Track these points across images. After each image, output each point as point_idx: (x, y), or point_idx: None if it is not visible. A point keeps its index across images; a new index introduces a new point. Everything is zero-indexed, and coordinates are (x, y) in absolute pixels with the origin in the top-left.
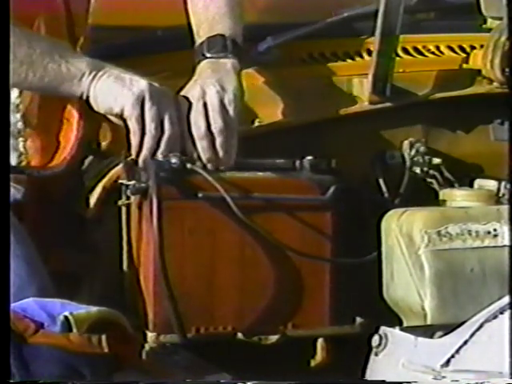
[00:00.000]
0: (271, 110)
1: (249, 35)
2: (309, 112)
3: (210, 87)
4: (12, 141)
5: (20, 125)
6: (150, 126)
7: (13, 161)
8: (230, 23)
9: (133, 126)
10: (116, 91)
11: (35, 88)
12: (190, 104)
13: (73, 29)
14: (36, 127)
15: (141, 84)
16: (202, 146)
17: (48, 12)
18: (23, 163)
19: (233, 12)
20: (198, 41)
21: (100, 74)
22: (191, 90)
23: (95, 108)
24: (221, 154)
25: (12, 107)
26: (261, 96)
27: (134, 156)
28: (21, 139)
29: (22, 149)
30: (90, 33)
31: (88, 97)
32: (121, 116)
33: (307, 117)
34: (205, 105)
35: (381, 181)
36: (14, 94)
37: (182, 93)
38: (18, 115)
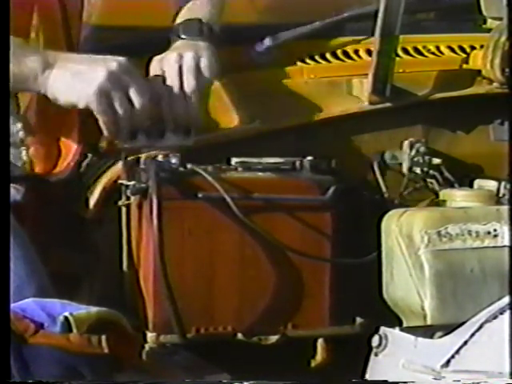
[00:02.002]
0: (271, 110)
1: (249, 35)
2: (309, 112)
3: (186, 52)
4: (14, 150)
5: (21, 134)
6: (121, 111)
7: (17, 170)
8: (209, 10)
9: (102, 118)
10: (76, 88)
11: (17, 89)
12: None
13: (68, 27)
14: (37, 135)
15: (99, 75)
16: (174, 105)
17: (43, 9)
18: (27, 171)
19: (213, 1)
20: (176, 22)
21: (55, 71)
22: (167, 55)
23: (56, 102)
24: (192, 113)
25: (12, 116)
26: (261, 96)
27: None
28: (23, 148)
29: (24, 157)
30: (91, 33)
31: (46, 93)
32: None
33: (307, 117)
34: (180, 68)
35: (381, 181)
36: (13, 101)
37: (158, 57)
38: (19, 125)
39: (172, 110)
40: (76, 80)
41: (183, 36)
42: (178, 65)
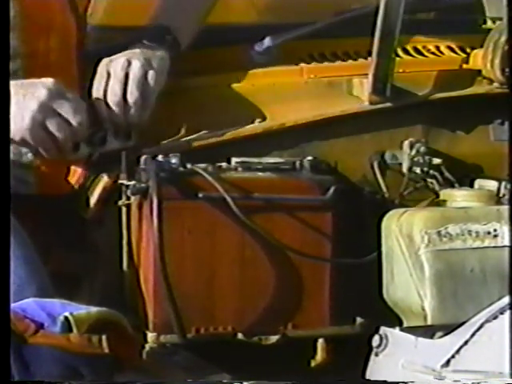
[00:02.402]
0: (271, 110)
1: (249, 35)
2: (309, 112)
3: (135, 60)
4: (21, 171)
5: (30, 155)
6: (59, 135)
7: (23, 190)
8: (186, 17)
9: (42, 147)
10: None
11: None
12: (109, 75)
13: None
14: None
15: (30, 108)
16: (113, 114)
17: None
18: (34, 192)
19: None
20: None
21: None
22: (116, 59)
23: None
24: (133, 121)
25: None
26: (261, 96)
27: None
28: (31, 170)
29: (31, 179)
30: (91, 33)
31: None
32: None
33: (307, 117)
34: (126, 75)
35: (381, 181)
36: None
37: (107, 59)
38: None
39: (111, 118)
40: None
41: (144, 41)
42: (124, 72)
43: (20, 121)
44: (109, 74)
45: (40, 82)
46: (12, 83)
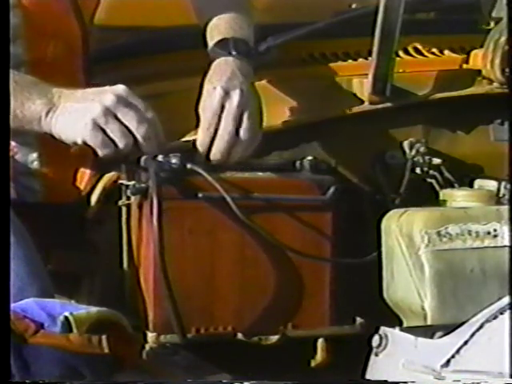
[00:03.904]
0: (271, 110)
1: None
2: (309, 112)
3: (247, 95)
4: (27, 178)
5: (36, 164)
6: (120, 144)
7: (30, 198)
8: (246, 29)
9: (101, 152)
10: (73, 126)
11: (20, 130)
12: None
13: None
14: (53, 164)
15: (94, 111)
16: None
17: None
18: (40, 200)
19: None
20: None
21: (57, 112)
22: (232, 93)
23: (62, 140)
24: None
25: (28, 146)
26: (261, 96)
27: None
28: (37, 178)
29: (37, 187)
30: (92, 33)
31: (52, 134)
32: (86, 144)
33: (307, 117)
34: (222, 107)
35: (381, 181)
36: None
37: (220, 92)
38: (35, 154)
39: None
40: (73, 118)
41: (233, 52)
42: (221, 104)
43: (82, 123)
44: (222, 107)
45: (111, 89)
46: (86, 90)
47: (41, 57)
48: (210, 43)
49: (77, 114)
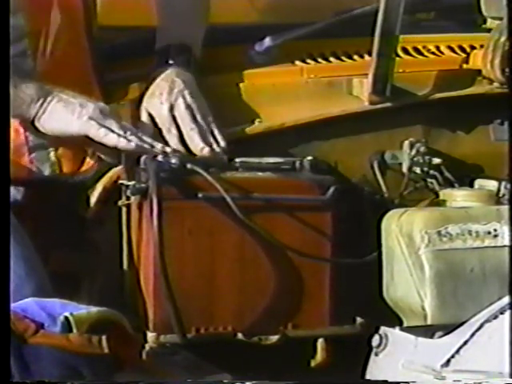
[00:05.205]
0: (271, 110)
1: (249, 35)
2: (309, 112)
3: (177, 102)
4: (43, 152)
5: (48, 135)
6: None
7: (46, 171)
8: (194, 27)
9: (105, 140)
10: (69, 117)
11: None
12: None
13: (90, 25)
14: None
15: (90, 107)
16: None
17: (66, 9)
18: (56, 172)
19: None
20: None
21: (49, 98)
22: (156, 101)
23: (42, 130)
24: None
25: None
26: (261, 96)
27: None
28: (51, 149)
29: (53, 158)
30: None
31: (34, 120)
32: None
33: (307, 117)
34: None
35: (381, 181)
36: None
37: (146, 100)
38: None
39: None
40: (69, 109)
41: (171, 61)
42: (172, 115)
43: (80, 115)
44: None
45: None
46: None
47: (41, 28)
48: (156, 46)
49: (73, 106)
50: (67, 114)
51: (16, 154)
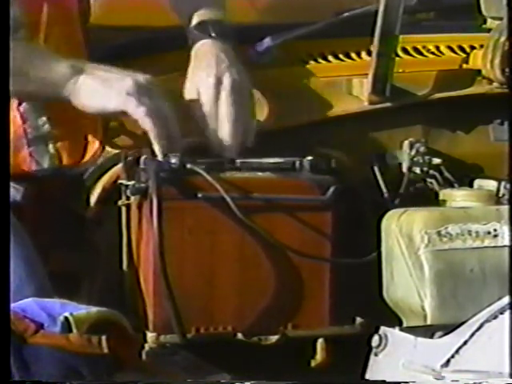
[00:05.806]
0: (271, 110)
1: (249, 35)
2: (309, 112)
3: (224, 76)
4: (41, 144)
5: (46, 127)
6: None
7: (45, 163)
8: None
9: (145, 121)
10: (107, 93)
11: (34, 97)
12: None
13: (86, 21)
14: (63, 127)
15: (127, 83)
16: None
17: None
18: (56, 164)
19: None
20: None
21: (83, 76)
22: (203, 75)
23: (82, 108)
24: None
25: (36, 111)
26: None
27: (159, 151)
28: (50, 141)
29: (52, 150)
30: (91, 33)
31: (72, 100)
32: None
33: (307, 117)
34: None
35: (381, 181)
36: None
37: (191, 73)
38: (44, 118)
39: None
40: (106, 86)
41: (213, 34)
42: (216, 90)
43: (118, 91)
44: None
45: (129, 74)
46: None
47: (36, 20)
48: (189, 26)
49: (109, 83)
50: (104, 89)
51: (15, 147)
